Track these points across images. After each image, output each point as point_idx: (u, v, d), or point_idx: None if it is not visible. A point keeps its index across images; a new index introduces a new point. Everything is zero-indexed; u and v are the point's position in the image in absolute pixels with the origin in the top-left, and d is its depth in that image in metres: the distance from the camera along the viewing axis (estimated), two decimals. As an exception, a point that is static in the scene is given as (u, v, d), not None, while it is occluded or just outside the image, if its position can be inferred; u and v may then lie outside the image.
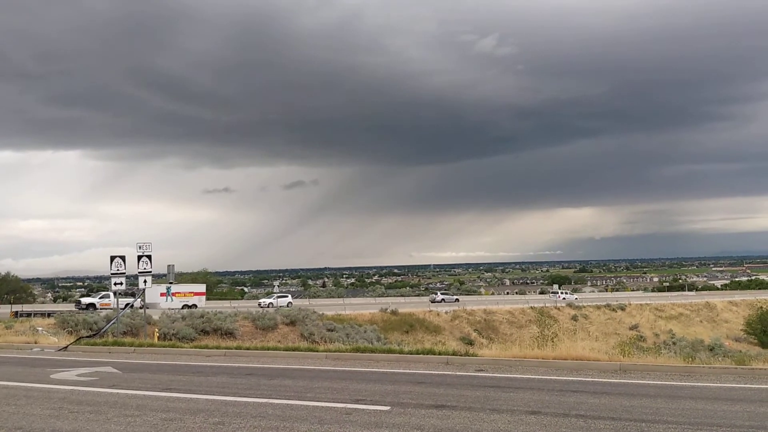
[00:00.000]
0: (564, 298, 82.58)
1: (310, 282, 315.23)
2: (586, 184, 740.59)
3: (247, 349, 18.80)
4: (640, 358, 14.93)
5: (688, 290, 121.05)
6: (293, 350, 17.85)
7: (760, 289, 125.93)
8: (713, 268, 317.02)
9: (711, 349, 47.06)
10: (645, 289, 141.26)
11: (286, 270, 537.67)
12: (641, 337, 62.86)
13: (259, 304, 60.78)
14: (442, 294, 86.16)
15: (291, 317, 42.13)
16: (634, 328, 67.84)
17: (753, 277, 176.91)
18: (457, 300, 78.78)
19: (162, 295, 55.98)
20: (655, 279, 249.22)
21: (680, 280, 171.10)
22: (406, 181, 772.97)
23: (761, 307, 71.41)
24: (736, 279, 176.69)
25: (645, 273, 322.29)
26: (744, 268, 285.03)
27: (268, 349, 18.70)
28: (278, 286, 67.54)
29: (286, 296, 67.56)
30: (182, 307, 50.59)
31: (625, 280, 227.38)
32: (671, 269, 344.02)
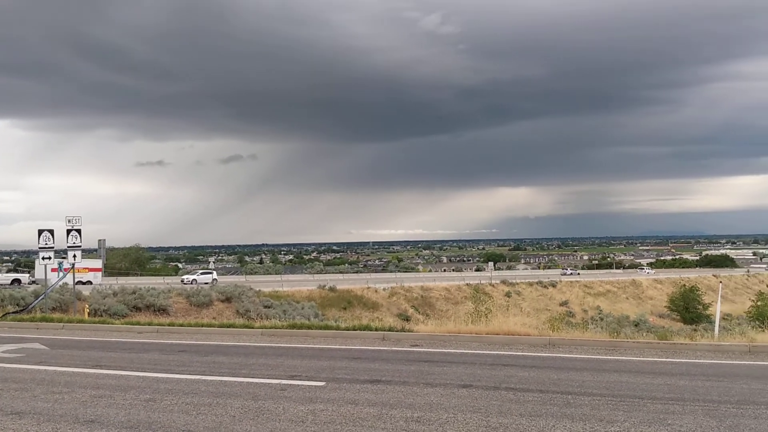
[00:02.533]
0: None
1: (247, 259, 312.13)
2: (523, 164, 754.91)
3: (181, 325, 18.50)
4: (568, 333, 15.37)
5: (616, 268, 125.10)
6: (228, 327, 17.66)
7: (683, 267, 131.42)
8: (640, 248, 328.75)
9: (636, 325, 48.85)
10: (575, 267, 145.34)
11: (223, 246, 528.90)
12: (570, 313, 64.74)
13: (182, 281, 58.72)
14: (570, 270, 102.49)
15: (227, 294, 41.58)
16: (564, 304, 69.70)
17: (677, 257, 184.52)
18: (578, 274, 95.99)
19: (54, 270, 54.04)
20: (585, 257, 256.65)
21: (608, 259, 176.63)
22: (348, 158, 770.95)
23: (684, 285, 74.54)
24: (662, 258, 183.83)
25: (576, 251, 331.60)
26: (669, 248, 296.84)
27: (203, 325, 18.45)
28: (213, 262, 65.13)
29: (210, 272, 64.05)
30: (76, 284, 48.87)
31: (557, 258, 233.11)
32: (600, 248, 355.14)
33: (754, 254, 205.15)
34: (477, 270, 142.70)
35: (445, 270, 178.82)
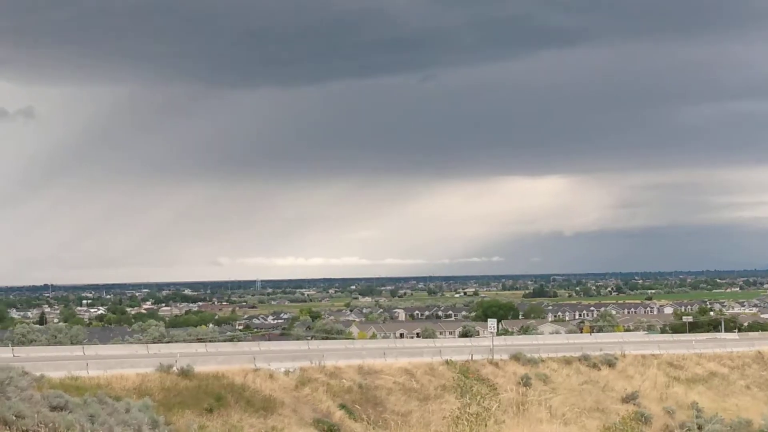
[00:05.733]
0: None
1: (14, 313, 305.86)
2: (551, 133, 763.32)
3: None
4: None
5: (726, 330, 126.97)
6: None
7: None
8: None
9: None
10: (650, 328, 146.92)
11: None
12: (643, 416, 65.29)
13: None
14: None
15: (-23, 383, 40.41)
16: (630, 400, 70.35)
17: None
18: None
19: None
20: (668, 309, 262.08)
21: (712, 312, 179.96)
22: (214, 117, 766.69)
23: None
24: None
25: (650, 298, 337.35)
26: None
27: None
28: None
29: None
30: None
31: (614, 312, 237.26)
32: (697, 292, 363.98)
33: None
34: (464, 335, 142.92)
35: (402, 335, 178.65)
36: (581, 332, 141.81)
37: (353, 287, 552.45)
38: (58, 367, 53.19)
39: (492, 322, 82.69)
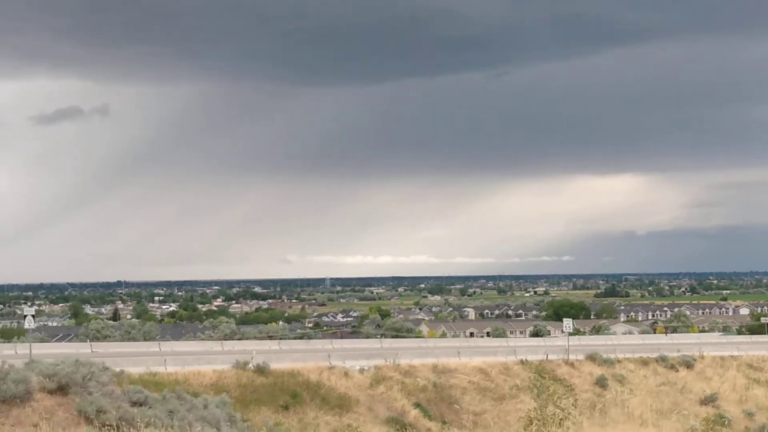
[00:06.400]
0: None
1: (89, 309, 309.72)
2: (624, 131, 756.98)
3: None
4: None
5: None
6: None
7: None
8: None
9: None
10: (726, 329, 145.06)
11: (41, 286, 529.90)
12: (723, 419, 64.39)
13: None
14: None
15: (59, 378, 40.85)
16: (709, 401, 69.91)
17: None
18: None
19: None
20: (744, 310, 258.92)
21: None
22: (288, 116, 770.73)
23: None
24: None
25: (725, 299, 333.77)
26: None
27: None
28: (32, 315, 63.69)
29: None
30: None
31: (688, 312, 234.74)
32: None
33: None
34: (535, 335, 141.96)
35: (473, 334, 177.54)
36: (654, 333, 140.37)
37: (422, 286, 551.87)
38: (137, 363, 53.78)
39: (567, 322, 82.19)
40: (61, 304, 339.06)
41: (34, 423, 36.91)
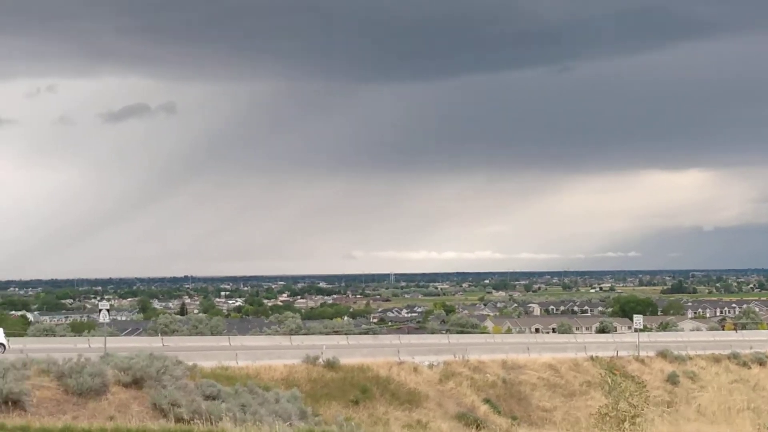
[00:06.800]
0: None
1: (156, 304, 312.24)
2: (691, 126, 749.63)
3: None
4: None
5: None
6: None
7: None
8: None
9: None
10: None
11: (109, 281, 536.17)
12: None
13: None
14: None
15: (134, 372, 41.54)
16: (784, 399, 69.07)
17: None
18: None
19: None
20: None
21: None
22: (353, 114, 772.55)
23: None
24: None
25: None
26: None
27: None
28: (107, 310, 64.00)
29: None
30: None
31: (757, 309, 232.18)
32: None
33: None
34: (601, 331, 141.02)
35: (538, 330, 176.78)
36: (722, 329, 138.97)
37: (486, 281, 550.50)
38: (208, 357, 54.36)
39: (638, 318, 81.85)
40: (129, 299, 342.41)
41: (110, 416, 37.42)
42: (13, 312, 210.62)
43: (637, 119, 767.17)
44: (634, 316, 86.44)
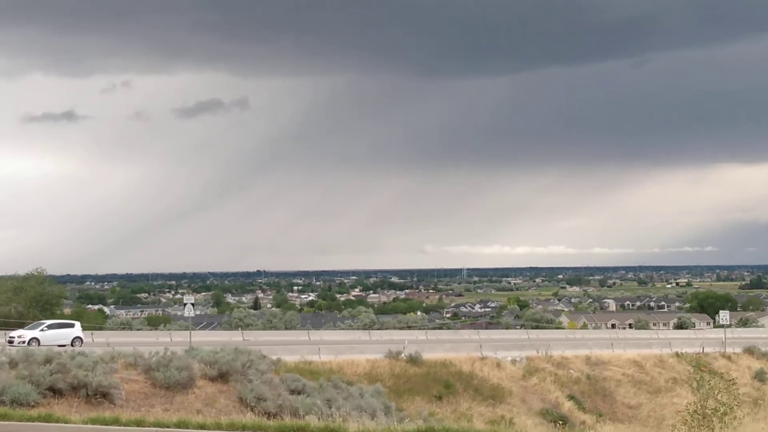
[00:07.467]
0: None
1: (230, 297, 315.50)
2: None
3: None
4: None
5: None
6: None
7: None
8: None
9: None
10: None
11: (184, 275, 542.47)
12: None
13: (9, 341, 57.87)
14: None
15: (220, 365, 41.82)
16: None
17: None
18: None
19: None
20: None
21: None
22: (429, 107, 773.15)
23: None
24: None
25: None
26: None
27: (189, 426, 18.19)
28: (192, 304, 64.64)
29: (72, 325, 62.72)
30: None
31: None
32: None
33: None
34: (679, 327, 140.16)
35: (614, 325, 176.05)
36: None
37: (560, 276, 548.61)
38: (291, 351, 54.60)
39: (724, 314, 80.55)
40: (203, 293, 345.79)
41: (197, 409, 37.62)
42: (90, 306, 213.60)
43: (716, 112, 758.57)
44: (720, 312, 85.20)
